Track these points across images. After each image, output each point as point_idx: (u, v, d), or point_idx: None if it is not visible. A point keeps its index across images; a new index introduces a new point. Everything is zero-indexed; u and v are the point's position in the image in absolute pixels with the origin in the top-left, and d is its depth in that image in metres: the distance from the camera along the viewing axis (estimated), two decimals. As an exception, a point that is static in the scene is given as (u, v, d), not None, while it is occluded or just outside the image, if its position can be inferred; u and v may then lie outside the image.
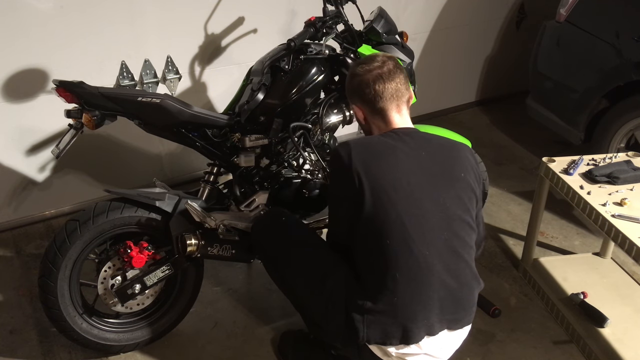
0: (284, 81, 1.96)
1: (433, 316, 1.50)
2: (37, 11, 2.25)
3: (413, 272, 1.47)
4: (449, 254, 1.52)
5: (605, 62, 2.70)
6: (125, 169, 2.76)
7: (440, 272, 1.50)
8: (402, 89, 1.62)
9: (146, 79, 2.60)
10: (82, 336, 1.88)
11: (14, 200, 2.58)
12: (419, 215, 1.49)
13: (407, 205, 1.48)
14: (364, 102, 1.63)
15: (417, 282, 1.48)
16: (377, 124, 1.65)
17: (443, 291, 1.51)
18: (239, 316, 2.18)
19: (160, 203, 1.86)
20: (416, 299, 1.48)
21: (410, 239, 1.47)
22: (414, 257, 1.47)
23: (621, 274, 2.37)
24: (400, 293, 1.47)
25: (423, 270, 1.48)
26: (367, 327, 1.50)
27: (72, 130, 1.79)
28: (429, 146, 1.58)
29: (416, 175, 1.52)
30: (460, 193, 1.55)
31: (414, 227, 1.48)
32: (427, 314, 1.50)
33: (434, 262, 1.49)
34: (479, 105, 4.00)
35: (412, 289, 1.48)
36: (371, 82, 1.59)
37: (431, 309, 1.50)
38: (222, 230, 1.94)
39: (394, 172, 1.50)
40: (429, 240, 1.49)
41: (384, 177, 1.49)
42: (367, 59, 1.67)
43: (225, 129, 1.97)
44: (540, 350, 2.07)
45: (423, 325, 1.50)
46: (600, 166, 2.14)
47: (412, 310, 1.48)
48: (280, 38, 2.14)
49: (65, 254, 1.78)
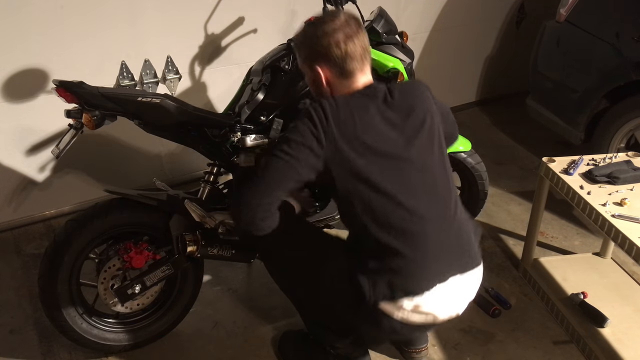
0: (284, 81, 1.96)
1: (439, 263, 1.48)
2: (37, 11, 2.25)
3: (406, 223, 1.46)
4: (436, 200, 1.51)
5: (605, 62, 2.70)
6: (125, 169, 2.76)
7: (432, 219, 1.49)
8: (368, 48, 1.55)
9: (146, 79, 2.60)
10: (82, 336, 1.88)
11: (14, 200, 2.58)
12: (400, 168, 1.48)
13: (387, 160, 1.47)
14: (332, 63, 1.52)
15: (412, 233, 1.47)
16: (343, 86, 1.55)
17: (440, 236, 1.49)
18: (239, 316, 2.18)
19: (160, 203, 1.86)
20: (415, 250, 1.46)
21: (397, 192, 1.46)
22: (402, 209, 1.46)
23: (621, 274, 2.37)
24: (397, 247, 1.46)
25: (415, 220, 1.47)
26: (372, 286, 1.46)
27: (72, 130, 1.79)
28: (394, 97, 1.54)
29: (390, 129, 1.50)
30: (432, 135, 1.54)
31: (397, 180, 1.47)
32: (431, 262, 1.47)
33: (423, 211, 1.48)
34: (479, 105, 4.00)
35: (409, 241, 1.46)
36: (342, 42, 1.49)
37: (434, 256, 1.48)
38: (222, 230, 1.94)
39: (370, 128, 1.47)
40: (413, 191, 1.48)
41: (360, 134, 1.46)
42: (327, 17, 1.55)
43: (225, 129, 1.97)
44: (540, 350, 2.07)
45: (430, 273, 1.47)
46: (600, 166, 2.14)
47: (413, 261, 1.46)
48: (280, 38, 2.14)
49: (65, 254, 1.78)
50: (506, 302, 2.25)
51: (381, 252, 1.48)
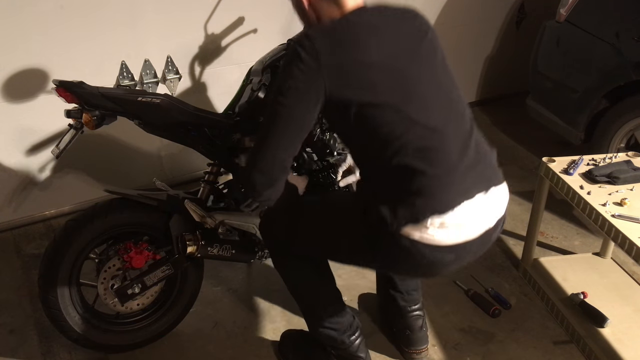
0: (284, 81, 1.96)
1: (463, 179, 1.39)
2: (37, 11, 2.25)
3: (424, 141, 1.37)
4: (452, 116, 1.42)
5: (605, 62, 2.70)
6: (125, 169, 2.76)
7: (450, 135, 1.39)
8: None
9: (146, 79, 2.60)
10: (82, 336, 1.88)
11: (14, 200, 2.58)
12: (408, 84, 1.38)
13: (393, 75, 1.37)
14: None
15: (433, 150, 1.37)
16: (330, 9, 1.41)
17: (461, 153, 1.40)
18: (239, 316, 2.18)
19: (160, 203, 1.86)
20: (437, 167, 1.37)
21: (411, 110, 1.36)
22: (419, 127, 1.37)
23: (621, 274, 2.37)
24: (418, 166, 1.36)
25: (434, 137, 1.37)
26: (394, 213, 1.36)
27: (72, 130, 1.79)
28: (390, 20, 1.43)
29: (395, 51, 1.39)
30: (434, 49, 1.47)
31: (407, 97, 1.37)
32: (455, 178, 1.38)
33: (441, 127, 1.38)
34: (479, 105, 3.99)
35: (430, 159, 1.36)
36: None
37: (458, 172, 1.39)
38: (222, 230, 1.94)
39: (367, 49, 1.36)
40: (427, 107, 1.39)
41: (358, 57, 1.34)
42: None
43: (225, 129, 1.97)
44: (540, 350, 2.07)
45: (454, 190, 1.38)
46: (600, 166, 2.14)
47: (436, 178, 1.36)
48: (280, 38, 2.14)
49: (65, 254, 1.78)
50: (506, 302, 2.25)
51: (401, 176, 1.37)
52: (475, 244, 1.44)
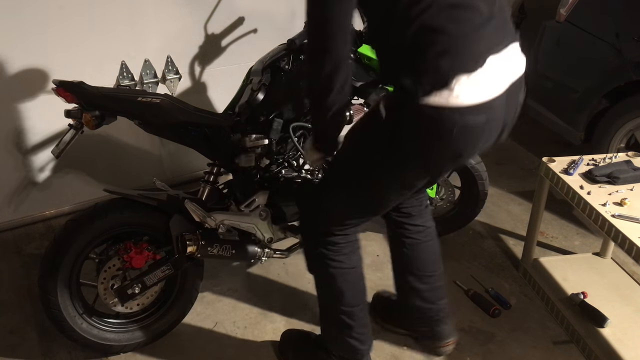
0: (284, 81, 1.96)
1: (489, 35, 1.36)
2: (37, 11, 2.25)
3: None
4: None
5: (605, 62, 2.70)
6: (125, 169, 2.76)
7: None
8: None
9: (146, 79, 2.60)
10: (82, 336, 1.88)
11: (14, 200, 2.58)
12: None
13: None
14: None
15: (456, 6, 1.33)
16: None
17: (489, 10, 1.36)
18: (239, 316, 2.18)
19: (160, 203, 1.86)
20: (461, 24, 1.32)
21: None
22: None
23: (621, 274, 2.37)
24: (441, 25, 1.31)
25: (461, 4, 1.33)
26: (419, 82, 1.32)
27: (72, 130, 1.79)
28: None
29: None
30: None
31: None
32: (481, 33, 1.34)
33: None
34: (479, 105, 3.99)
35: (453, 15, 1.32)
36: None
37: (484, 27, 1.35)
38: (222, 230, 1.94)
39: None
40: None
41: None
42: None
43: (225, 129, 1.97)
44: (540, 350, 2.07)
45: (481, 46, 1.34)
46: (600, 166, 2.14)
47: (462, 36, 1.32)
48: (280, 38, 2.14)
49: (65, 254, 1.78)
50: (506, 302, 2.25)
51: (424, 41, 1.32)
52: (502, 101, 1.41)
